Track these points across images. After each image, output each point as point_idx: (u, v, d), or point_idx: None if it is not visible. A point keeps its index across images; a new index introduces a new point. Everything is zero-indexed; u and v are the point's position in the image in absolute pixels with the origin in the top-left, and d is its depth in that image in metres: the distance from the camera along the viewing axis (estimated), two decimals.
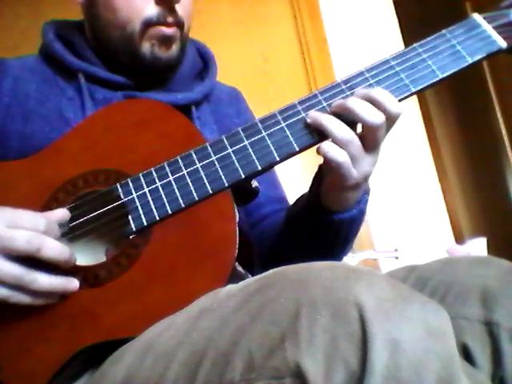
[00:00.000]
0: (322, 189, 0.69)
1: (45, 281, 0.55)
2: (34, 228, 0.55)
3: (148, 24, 0.75)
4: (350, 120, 0.62)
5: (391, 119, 0.62)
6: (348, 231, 0.73)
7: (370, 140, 0.62)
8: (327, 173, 0.67)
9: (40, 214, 0.58)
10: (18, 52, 0.87)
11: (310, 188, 0.72)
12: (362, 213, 0.72)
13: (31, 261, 0.54)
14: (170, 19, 0.76)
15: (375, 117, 0.61)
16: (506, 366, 0.52)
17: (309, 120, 0.63)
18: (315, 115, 0.63)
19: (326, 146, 0.62)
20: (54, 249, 0.55)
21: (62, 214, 0.61)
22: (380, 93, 0.62)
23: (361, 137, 0.62)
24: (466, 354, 0.55)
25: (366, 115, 0.60)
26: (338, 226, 0.70)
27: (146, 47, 0.76)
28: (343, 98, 0.64)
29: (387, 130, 0.64)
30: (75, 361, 0.56)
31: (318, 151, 0.62)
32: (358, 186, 0.66)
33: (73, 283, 0.57)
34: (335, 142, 0.61)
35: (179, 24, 0.77)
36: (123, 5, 0.75)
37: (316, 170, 0.71)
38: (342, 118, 0.62)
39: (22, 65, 0.80)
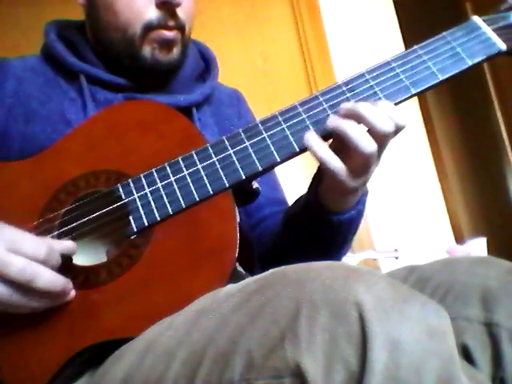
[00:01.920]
0: (320, 189, 0.69)
1: (39, 303, 0.55)
2: (33, 255, 0.53)
3: (149, 27, 0.75)
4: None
5: (396, 132, 0.62)
6: (346, 232, 0.73)
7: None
8: (326, 175, 0.67)
9: (44, 240, 0.57)
10: (18, 52, 0.87)
11: (309, 188, 0.72)
12: (360, 214, 0.72)
13: None
14: (170, 23, 0.75)
15: (386, 125, 0.59)
16: (506, 366, 0.53)
17: (331, 125, 0.61)
18: (339, 121, 0.60)
19: (326, 155, 0.61)
20: (47, 281, 0.54)
21: (69, 246, 0.60)
22: (387, 106, 0.61)
23: None
24: (466, 355, 0.55)
25: (377, 122, 0.59)
26: (337, 226, 0.70)
27: (146, 50, 0.76)
28: (344, 99, 0.64)
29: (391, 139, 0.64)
30: (75, 361, 0.56)
31: (315, 156, 0.61)
32: (356, 190, 0.66)
33: (68, 296, 0.57)
34: (356, 152, 0.59)
35: (180, 27, 0.77)
36: (124, 8, 0.75)
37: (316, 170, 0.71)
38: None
39: (23, 65, 0.80)
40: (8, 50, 1.81)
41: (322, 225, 0.70)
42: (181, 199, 0.61)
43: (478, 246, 1.62)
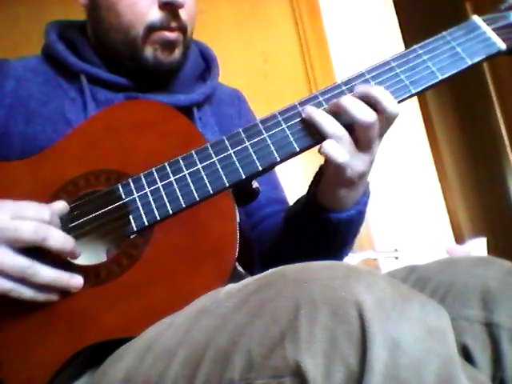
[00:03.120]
0: (319, 188, 0.69)
1: (48, 273, 0.55)
2: (38, 218, 0.55)
3: (151, 28, 0.75)
4: (345, 119, 0.62)
5: (389, 119, 0.63)
6: (347, 232, 0.73)
7: (362, 138, 0.62)
8: (325, 171, 0.67)
9: (43, 204, 0.58)
10: (18, 52, 0.87)
11: (309, 187, 0.72)
12: (360, 214, 0.72)
13: (34, 255, 0.55)
14: (173, 24, 0.76)
15: (366, 115, 0.61)
16: (506, 366, 0.53)
17: (304, 115, 0.64)
18: (309, 110, 0.64)
19: (328, 145, 0.62)
20: (59, 239, 0.56)
21: (62, 205, 0.62)
22: (379, 91, 0.62)
23: (354, 135, 0.63)
24: (466, 355, 0.55)
25: (356, 113, 0.61)
26: (336, 225, 0.70)
27: (148, 51, 0.76)
28: None
29: (384, 131, 0.64)
30: (75, 361, 0.56)
31: (320, 150, 0.62)
32: (353, 184, 0.66)
33: (76, 279, 0.57)
34: (327, 137, 0.62)
35: (182, 29, 0.77)
36: (127, 9, 0.75)
37: (316, 170, 0.71)
38: (338, 117, 0.63)
39: (24, 65, 0.80)
40: (8, 50, 1.82)
41: (322, 224, 0.70)
42: (181, 199, 0.61)
43: (478, 246, 1.62)
